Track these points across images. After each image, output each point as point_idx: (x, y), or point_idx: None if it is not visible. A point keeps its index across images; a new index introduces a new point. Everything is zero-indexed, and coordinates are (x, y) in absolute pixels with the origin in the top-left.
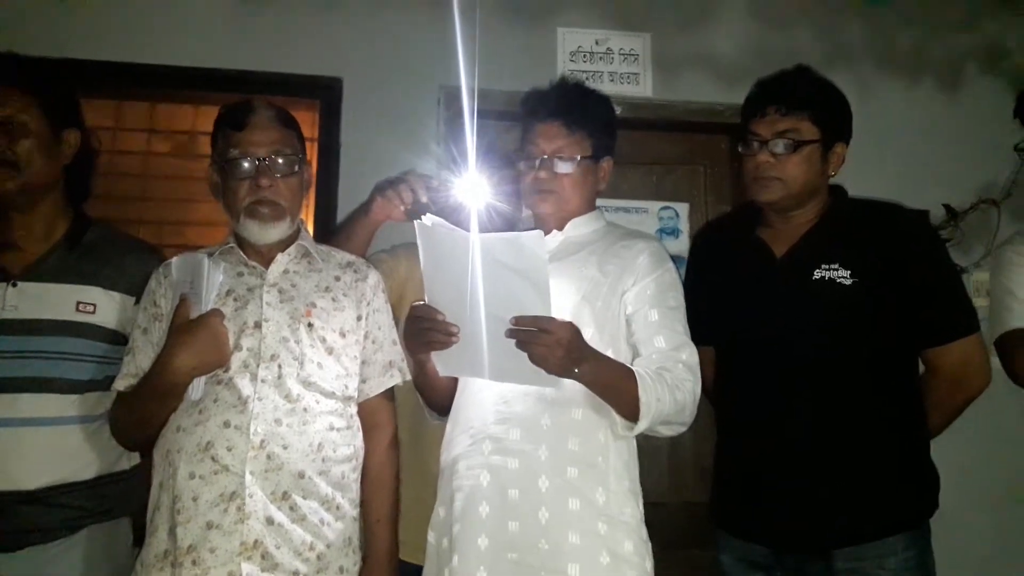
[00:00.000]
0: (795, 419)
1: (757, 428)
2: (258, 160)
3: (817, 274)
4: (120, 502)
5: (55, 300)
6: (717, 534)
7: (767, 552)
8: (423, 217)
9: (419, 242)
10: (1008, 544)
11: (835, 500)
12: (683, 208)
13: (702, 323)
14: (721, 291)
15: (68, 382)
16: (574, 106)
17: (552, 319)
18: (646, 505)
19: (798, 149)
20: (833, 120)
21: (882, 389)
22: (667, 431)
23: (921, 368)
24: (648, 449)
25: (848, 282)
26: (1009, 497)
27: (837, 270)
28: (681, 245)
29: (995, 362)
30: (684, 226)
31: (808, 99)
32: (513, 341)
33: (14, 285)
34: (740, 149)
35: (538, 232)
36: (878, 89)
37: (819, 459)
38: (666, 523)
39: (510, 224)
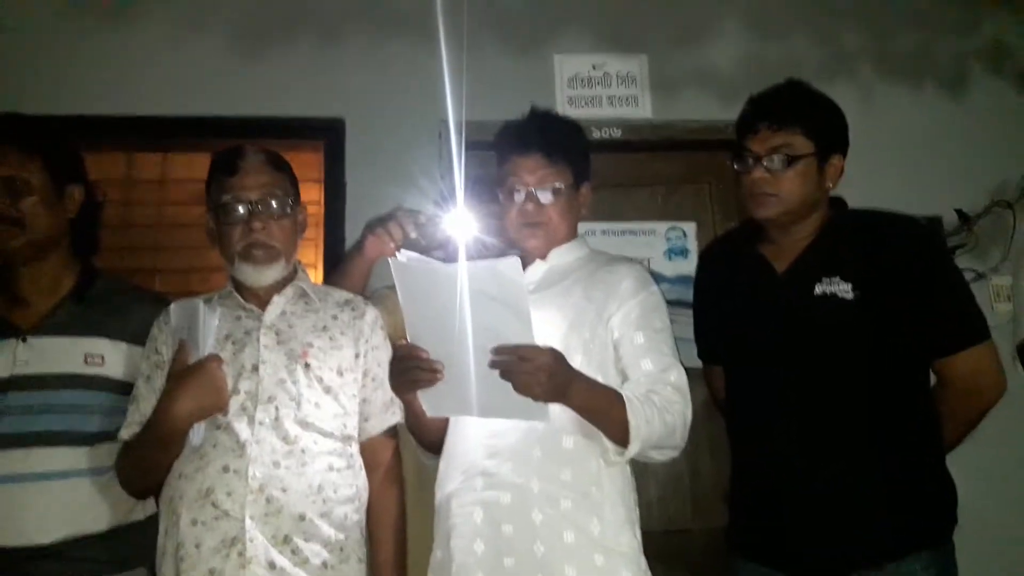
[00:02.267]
0: (802, 439)
1: (765, 449)
2: (250, 204)
3: (818, 289)
4: (136, 552)
5: (64, 354)
6: (732, 558)
7: None
8: (397, 254)
9: (395, 280)
10: None
11: (848, 522)
12: (690, 227)
13: (708, 342)
14: (724, 309)
15: (78, 435)
16: (552, 136)
17: (533, 346)
18: (671, 533)
19: (792, 164)
20: (827, 132)
21: (892, 404)
22: (659, 456)
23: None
24: (672, 475)
25: (850, 295)
26: None
27: (839, 284)
28: (691, 265)
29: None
30: (692, 245)
31: (799, 113)
32: (498, 374)
33: (24, 340)
34: (735, 166)
35: (514, 258)
36: (880, 95)
37: (828, 480)
38: (691, 550)
39: (499, 255)
